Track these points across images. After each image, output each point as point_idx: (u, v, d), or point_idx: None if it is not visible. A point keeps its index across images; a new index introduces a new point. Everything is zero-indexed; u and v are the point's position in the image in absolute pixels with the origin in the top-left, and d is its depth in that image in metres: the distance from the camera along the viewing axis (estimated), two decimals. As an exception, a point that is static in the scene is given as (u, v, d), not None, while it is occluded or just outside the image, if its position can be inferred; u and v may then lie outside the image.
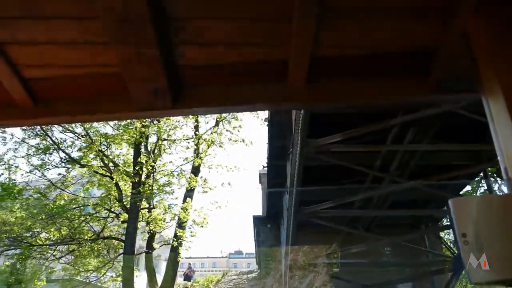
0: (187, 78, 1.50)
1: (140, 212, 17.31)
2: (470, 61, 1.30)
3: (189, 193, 19.52)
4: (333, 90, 1.55)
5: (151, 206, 17.91)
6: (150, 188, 17.78)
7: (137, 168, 17.36)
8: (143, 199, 17.66)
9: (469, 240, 0.90)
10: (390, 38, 1.46)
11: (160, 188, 18.52)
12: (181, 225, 18.83)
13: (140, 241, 20.33)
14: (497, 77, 1.15)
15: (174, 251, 19.18)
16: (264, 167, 20.97)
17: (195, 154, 19.34)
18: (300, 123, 6.15)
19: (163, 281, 19.39)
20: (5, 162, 17.53)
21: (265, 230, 13.06)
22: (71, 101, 1.46)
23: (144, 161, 18.37)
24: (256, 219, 13.19)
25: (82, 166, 17.48)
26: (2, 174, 17.38)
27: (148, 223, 17.84)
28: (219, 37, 1.40)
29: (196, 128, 20.13)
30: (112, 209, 17.66)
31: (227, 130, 19.30)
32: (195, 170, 19.76)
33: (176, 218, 18.47)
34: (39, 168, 17.69)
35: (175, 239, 18.55)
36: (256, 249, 17.72)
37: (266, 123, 15.97)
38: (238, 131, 19.22)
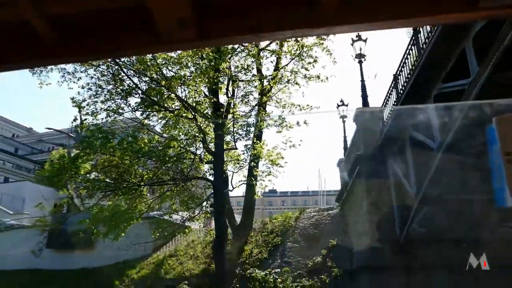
0: (211, 7, 1.41)
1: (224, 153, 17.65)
2: None
3: (261, 133, 19.66)
4: (368, 11, 1.38)
5: (234, 147, 18.17)
6: (232, 128, 17.97)
7: (222, 110, 17.43)
8: (225, 140, 17.98)
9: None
10: None
11: (239, 128, 18.68)
12: (257, 164, 19.15)
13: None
14: None
15: (250, 189, 19.71)
16: (339, 104, 20.75)
17: (269, 94, 19.17)
18: (498, 53, 5.78)
19: (242, 218, 20.19)
20: (85, 107, 17.68)
21: (366, 167, 13.07)
22: (96, 36, 1.40)
23: (222, 103, 18.44)
24: (360, 156, 13.17)
25: (166, 109, 17.66)
26: (86, 119, 17.73)
27: (223, 162, 18.18)
28: None
29: (260, 66, 19.82)
30: (196, 151, 18.02)
31: (302, 67, 18.85)
32: (264, 110, 19.71)
33: (253, 157, 18.70)
34: (118, 112, 17.92)
35: (252, 178, 18.99)
36: (342, 185, 17.98)
37: (357, 60, 15.50)
38: (313, 66, 18.77)
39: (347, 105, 20.48)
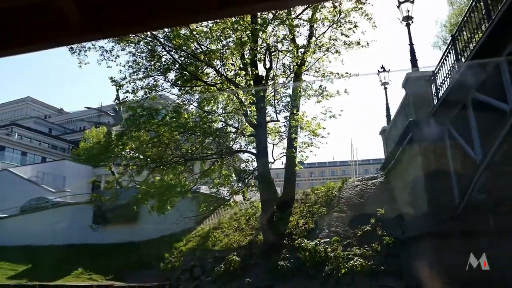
0: None
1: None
2: None
3: (299, 104, 19.37)
4: None
5: (275, 119, 18.00)
6: (272, 100, 17.77)
7: (263, 82, 17.19)
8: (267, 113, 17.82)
9: None
10: None
11: (279, 100, 18.45)
12: (296, 135, 18.99)
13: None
14: None
15: (291, 161, 19.63)
16: (380, 70, 20.11)
17: (307, 64, 18.74)
18: None
19: (284, 190, 20.22)
20: (125, 84, 17.70)
21: (420, 133, 12.68)
22: (120, 12, 1.36)
23: (261, 74, 18.17)
24: (412, 122, 12.77)
25: (205, 83, 17.57)
26: (127, 97, 17.78)
27: (266, 134, 18.03)
28: None
29: (294, 35, 19.29)
30: (237, 125, 17.96)
31: (342, 34, 18.26)
32: (302, 80, 19.32)
33: (294, 128, 18.50)
34: (155, 90, 17.90)
35: (293, 150, 18.88)
36: (388, 154, 17.66)
37: (404, 22, 14.82)
38: (354, 32, 18.18)
39: (388, 71, 19.90)
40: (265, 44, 18.09)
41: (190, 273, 17.02)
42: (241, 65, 18.34)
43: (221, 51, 17.52)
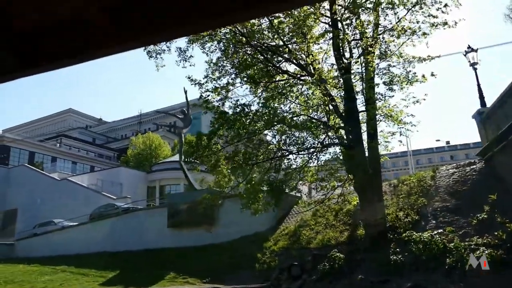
0: None
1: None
2: None
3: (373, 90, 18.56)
4: None
5: (367, 109, 17.27)
6: (364, 89, 17.08)
7: (352, 71, 16.53)
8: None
9: None
10: None
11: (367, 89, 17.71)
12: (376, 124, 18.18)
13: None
14: None
15: (375, 151, 18.86)
16: (467, 50, 19.12)
17: (391, 50, 17.93)
18: None
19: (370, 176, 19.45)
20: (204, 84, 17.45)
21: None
22: (153, 18, 1.29)
23: (346, 64, 17.49)
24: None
25: (290, 76, 17.06)
26: (209, 95, 17.45)
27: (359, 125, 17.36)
28: None
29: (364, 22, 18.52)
30: (324, 118, 17.34)
31: (429, 15, 17.32)
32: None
33: (381, 117, 17.73)
34: (227, 89, 17.52)
35: (379, 140, 18.10)
36: (490, 138, 16.69)
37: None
38: (442, 12, 17.22)
39: (476, 51, 18.89)
40: (345, 33, 17.45)
41: (288, 272, 16.51)
42: (322, 57, 17.78)
43: (303, 42, 17.00)
